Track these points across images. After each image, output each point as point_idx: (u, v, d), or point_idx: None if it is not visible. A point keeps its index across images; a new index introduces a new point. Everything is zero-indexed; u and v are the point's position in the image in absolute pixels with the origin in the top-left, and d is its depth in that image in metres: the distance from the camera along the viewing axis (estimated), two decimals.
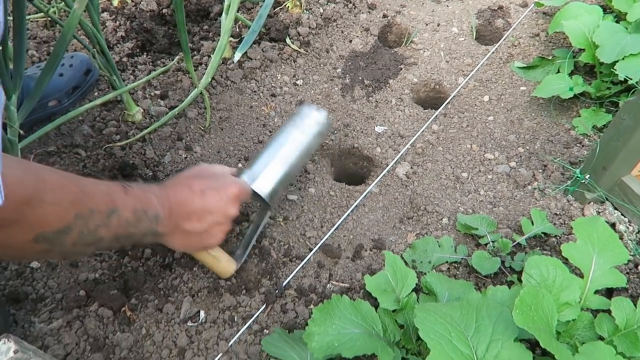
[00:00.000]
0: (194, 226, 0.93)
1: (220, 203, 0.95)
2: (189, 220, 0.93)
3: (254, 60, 1.69)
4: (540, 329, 0.79)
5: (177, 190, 0.93)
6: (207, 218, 0.94)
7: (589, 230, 1.02)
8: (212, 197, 0.95)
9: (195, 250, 1.03)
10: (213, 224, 0.96)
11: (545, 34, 1.86)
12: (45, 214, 0.65)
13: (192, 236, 0.95)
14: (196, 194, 0.93)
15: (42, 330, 1.06)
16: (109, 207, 0.75)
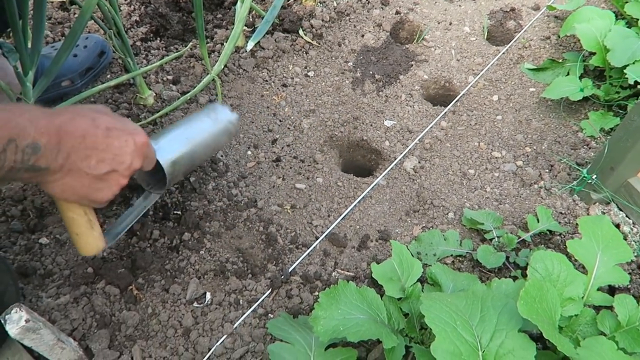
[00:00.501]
0: (90, 166, 0.76)
1: (126, 148, 0.80)
2: (86, 159, 0.75)
3: (267, 50, 1.70)
4: (543, 320, 0.80)
5: (73, 119, 0.74)
6: (107, 161, 0.78)
7: (594, 228, 1.03)
8: (119, 139, 0.79)
9: (78, 199, 0.82)
10: (111, 172, 0.79)
11: (556, 37, 1.87)
12: None
13: (82, 179, 0.77)
14: (100, 129, 0.76)
15: (49, 305, 1.07)
16: None
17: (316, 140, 1.50)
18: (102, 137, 0.76)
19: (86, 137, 0.74)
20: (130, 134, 0.81)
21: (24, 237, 1.19)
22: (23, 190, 1.28)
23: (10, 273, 1.02)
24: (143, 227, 1.21)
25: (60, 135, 0.71)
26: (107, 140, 0.77)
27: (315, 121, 1.55)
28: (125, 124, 0.82)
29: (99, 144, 0.76)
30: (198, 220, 1.24)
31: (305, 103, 1.60)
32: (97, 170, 0.77)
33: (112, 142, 0.78)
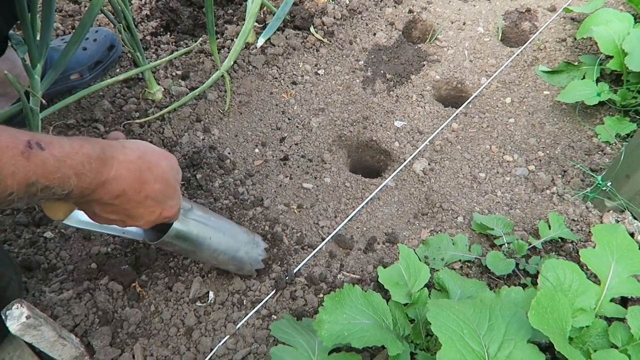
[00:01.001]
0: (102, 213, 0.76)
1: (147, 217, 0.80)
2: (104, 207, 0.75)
3: (277, 47, 1.68)
4: (554, 331, 0.78)
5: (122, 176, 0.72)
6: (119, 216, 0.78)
7: (608, 237, 1.00)
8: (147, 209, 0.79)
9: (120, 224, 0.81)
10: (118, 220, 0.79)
11: (572, 40, 1.83)
12: None
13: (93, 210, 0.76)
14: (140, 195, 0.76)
15: (52, 300, 1.06)
16: None
17: (325, 139, 1.48)
18: (134, 203, 0.75)
19: (119, 197, 0.73)
20: (163, 208, 0.81)
21: (29, 230, 1.18)
22: None
23: (13, 267, 1.02)
24: None
25: (96, 189, 0.69)
26: (137, 208, 0.77)
27: (325, 120, 1.53)
28: (166, 190, 0.80)
29: (126, 209, 0.76)
30: None
31: (315, 101, 1.59)
32: (106, 216, 0.76)
33: (139, 211, 0.77)
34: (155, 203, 0.79)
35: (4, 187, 0.56)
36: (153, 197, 0.78)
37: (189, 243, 0.95)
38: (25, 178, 0.58)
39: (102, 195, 0.70)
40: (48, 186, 0.61)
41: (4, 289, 0.94)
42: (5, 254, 1.03)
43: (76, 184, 0.64)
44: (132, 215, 0.78)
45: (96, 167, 0.68)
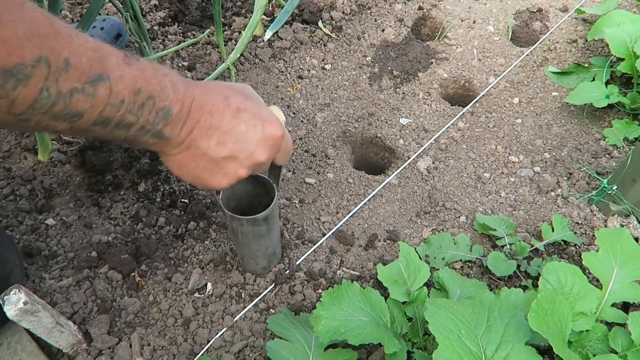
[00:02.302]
0: (209, 147, 0.68)
1: (252, 135, 0.70)
2: (207, 137, 0.67)
3: (284, 41, 1.67)
4: (554, 335, 0.77)
5: (206, 93, 0.67)
6: (228, 144, 0.69)
7: (612, 242, 0.99)
8: (246, 122, 0.69)
9: (191, 180, 0.74)
10: (230, 158, 0.70)
11: (583, 41, 1.81)
12: None
13: (199, 160, 0.69)
14: (230, 108, 0.68)
15: (51, 287, 1.07)
16: (95, 71, 0.52)
17: (329, 134, 1.47)
18: (229, 117, 0.68)
19: (213, 114, 0.66)
20: (262, 121, 0.71)
21: (31, 217, 1.19)
22: (33, 170, 1.27)
23: (17, 253, 1.02)
24: (149, 214, 1.20)
25: (190, 107, 0.64)
26: (234, 121, 0.68)
27: (330, 115, 1.52)
28: (260, 109, 0.72)
29: (224, 124, 0.67)
30: (205, 210, 1.23)
31: (321, 96, 1.58)
32: (215, 152, 0.68)
33: (238, 124, 0.68)
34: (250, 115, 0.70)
35: (115, 93, 0.54)
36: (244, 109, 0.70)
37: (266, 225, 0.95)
38: (132, 82, 0.55)
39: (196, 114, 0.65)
40: (151, 95, 0.58)
41: (8, 275, 0.95)
42: (9, 240, 1.03)
43: (172, 98, 0.61)
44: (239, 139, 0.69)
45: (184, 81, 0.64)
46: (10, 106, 0.47)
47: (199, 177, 0.72)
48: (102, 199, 1.24)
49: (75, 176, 1.28)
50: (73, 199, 1.23)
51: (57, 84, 0.48)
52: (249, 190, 1.01)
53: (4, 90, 0.45)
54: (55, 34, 0.48)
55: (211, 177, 0.72)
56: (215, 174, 0.72)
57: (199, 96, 0.65)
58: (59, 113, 0.51)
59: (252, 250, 1.04)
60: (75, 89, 0.50)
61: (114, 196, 1.25)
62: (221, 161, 0.70)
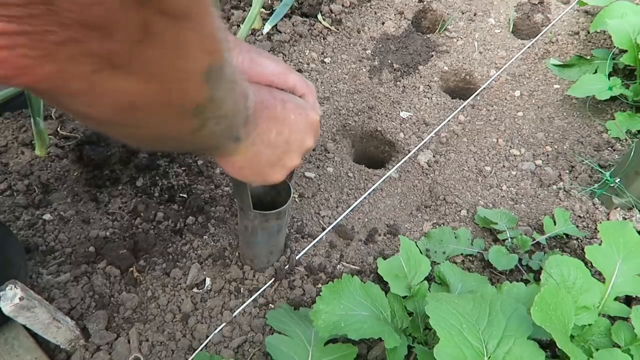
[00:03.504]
0: (270, 141, 0.68)
1: (300, 123, 0.71)
2: (267, 131, 0.67)
3: (284, 34, 1.66)
4: (557, 329, 0.76)
5: (258, 88, 0.67)
6: (284, 135, 0.69)
7: (615, 235, 0.98)
8: (294, 112, 0.70)
9: (252, 178, 0.74)
10: (288, 147, 0.71)
11: (585, 33, 1.79)
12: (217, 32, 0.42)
13: (260, 157, 0.69)
14: (277, 100, 0.69)
15: (49, 282, 1.06)
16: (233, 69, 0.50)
17: (329, 128, 1.46)
18: (280, 108, 0.68)
19: (269, 108, 0.67)
20: (304, 109, 0.72)
21: (28, 212, 1.18)
22: (30, 165, 1.26)
23: (22, 255, 1.02)
24: (147, 209, 1.19)
25: (256, 107, 0.63)
26: (284, 112, 0.69)
27: (329, 109, 1.51)
28: (295, 99, 0.73)
29: (278, 115, 0.68)
30: (203, 205, 1.22)
31: (320, 90, 1.56)
32: (275, 143, 0.69)
33: (288, 114, 0.69)
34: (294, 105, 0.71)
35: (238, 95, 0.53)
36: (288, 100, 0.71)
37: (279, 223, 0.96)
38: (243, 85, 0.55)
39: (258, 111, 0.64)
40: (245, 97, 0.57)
41: (15, 277, 0.94)
42: (17, 243, 1.02)
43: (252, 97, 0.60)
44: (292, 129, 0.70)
45: None
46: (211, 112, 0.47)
47: (261, 172, 0.72)
48: (99, 194, 1.23)
49: (72, 171, 1.26)
50: (70, 194, 1.22)
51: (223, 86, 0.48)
52: (265, 188, 1.00)
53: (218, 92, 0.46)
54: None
55: (272, 171, 0.73)
56: (276, 166, 0.73)
57: (255, 92, 0.64)
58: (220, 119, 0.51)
59: (258, 248, 1.04)
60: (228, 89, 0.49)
61: (112, 191, 1.24)
62: (280, 152, 0.71)
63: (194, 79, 0.41)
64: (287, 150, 0.71)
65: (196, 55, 0.40)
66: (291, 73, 0.75)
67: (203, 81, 0.42)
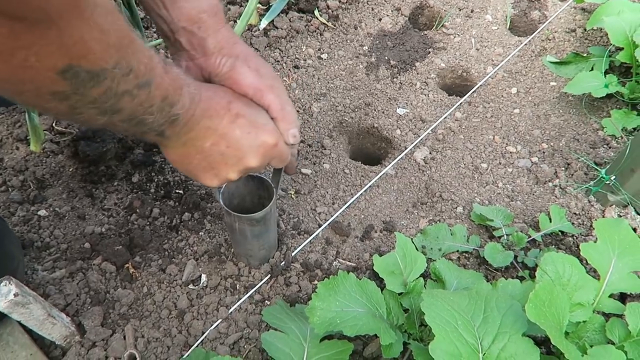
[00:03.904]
0: (203, 147, 0.72)
1: (246, 141, 0.73)
2: (203, 138, 0.71)
3: (280, 30, 1.65)
4: (551, 325, 0.77)
5: (212, 97, 0.71)
6: (221, 148, 0.72)
7: (611, 232, 0.98)
8: (242, 129, 0.72)
9: (185, 173, 0.79)
10: (223, 159, 0.74)
11: (582, 30, 1.79)
12: (91, 41, 0.47)
13: (193, 157, 0.73)
14: (230, 113, 0.71)
15: (44, 279, 1.05)
16: (146, 76, 0.56)
17: (325, 125, 1.46)
18: (227, 122, 0.71)
19: (213, 118, 0.70)
20: (257, 128, 0.74)
21: (23, 208, 1.17)
22: (25, 161, 1.26)
23: (20, 250, 1.01)
24: (143, 205, 1.19)
25: (194, 112, 0.67)
26: (230, 126, 0.71)
27: (326, 105, 1.51)
28: (256, 116, 0.75)
29: (221, 128, 0.71)
30: (199, 201, 1.21)
31: (317, 86, 1.56)
32: (208, 152, 0.72)
33: (233, 129, 0.72)
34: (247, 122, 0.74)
35: (151, 97, 0.58)
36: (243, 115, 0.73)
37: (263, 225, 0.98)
38: (165, 89, 0.60)
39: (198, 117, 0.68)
40: (172, 103, 0.62)
41: (14, 271, 0.94)
42: (14, 237, 1.02)
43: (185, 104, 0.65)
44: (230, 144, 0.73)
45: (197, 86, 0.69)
46: (77, 101, 0.52)
47: (192, 172, 0.77)
48: (95, 190, 1.23)
49: (68, 167, 1.26)
50: (66, 190, 1.22)
51: (118, 86, 0.53)
52: (253, 190, 1.02)
53: (83, 88, 0.50)
54: (130, 43, 0.53)
55: (203, 175, 0.77)
56: (207, 173, 0.76)
57: (205, 100, 0.69)
58: (107, 109, 0.55)
59: (246, 247, 1.06)
60: (127, 91, 0.55)
61: (108, 187, 1.23)
62: (213, 162, 0.74)
63: (46, 73, 0.46)
64: (221, 161, 0.74)
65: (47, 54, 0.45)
66: (269, 93, 0.76)
67: (58, 76, 0.47)
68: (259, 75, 0.76)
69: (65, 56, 0.46)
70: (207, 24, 0.77)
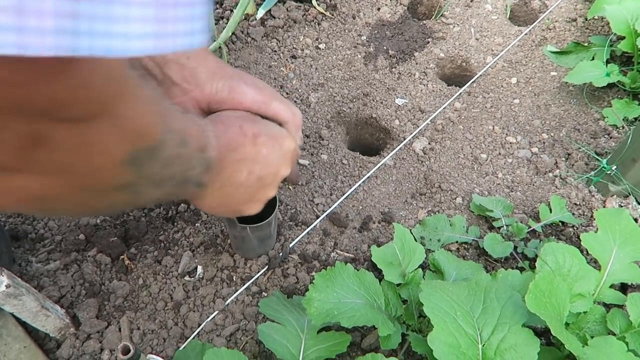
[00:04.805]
0: (240, 181, 0.68)
1: (274, 155, 0.71)
2: (237, 172, 0.67)
3: (277, 19, 1.63)
4: (551, 316, 0.76)
5: (226, 130, 0.66)
6: (256, 172, 0.69)
7: (612, 222, 0.97)
8: (266, 146, 0.69)
9: (227, 214, 0.77)
10: (262, 183, 0.71)
11: (582, 20, 1.77)
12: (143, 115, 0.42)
13: (233, 195, 0.69)
14: (247, 137, 0.67)
15: (38, 270, 1.04)
16: (181, 134, 0.50)
17: (323, 115, 1.44)
18: (250, 146, 0.67)
19: (237, 149, 0.66)
20: (276, 139, 0.72)
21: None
22: None
23: (5, 239, 1.00)
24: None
25: (221, 149, 0.62)
26: (255, 149, 0.68)
27: (324, 95, 1.49)
28: (269, 129, 0.72)
29: (248, 154, 0.67)
30: None
31: (314, 76, 1.54)
32: (247, 183, 0.69)
33: (259, 149, 0.68)
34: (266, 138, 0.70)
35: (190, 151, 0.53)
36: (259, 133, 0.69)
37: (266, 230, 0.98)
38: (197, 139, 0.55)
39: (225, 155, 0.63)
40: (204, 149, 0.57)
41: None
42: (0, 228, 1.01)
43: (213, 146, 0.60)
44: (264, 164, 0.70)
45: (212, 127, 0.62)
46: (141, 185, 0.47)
47: (236, 210, 0.74)
48: None
49: None
50: None
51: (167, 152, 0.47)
52: None
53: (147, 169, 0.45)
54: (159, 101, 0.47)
55: (247, 206, 0.74)
56: (250, 202, 0.74)
57: (221, 135, 0.63)
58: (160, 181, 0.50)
59: (247, 250, 1.07)
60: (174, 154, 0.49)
61: None
62: (253, 190, 0.71)
63: (109, 168, 0.40)
64: (260, 186, 0.71)
65: (110, 147, 0.39)
66: (274, 101, 0.74)
67: (123, 167, 0.41)
68: (259, 89, 0.74)
69: (127, 141, 0.41)
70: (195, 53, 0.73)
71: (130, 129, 0.41)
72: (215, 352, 0.83)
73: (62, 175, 0.38)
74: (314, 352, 0.87)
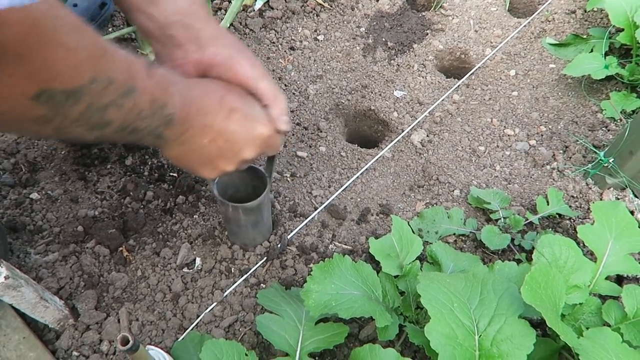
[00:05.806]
0: (202, 145, 0.73)
1: (243, 135, 0.75)
2: (201, 136, 0.72)
3: (276, 10, 1.62)
4: (547, 308, 0.76)
5: (204, 95, 0.71)
6: (218, 143, 0.74)
7: (608, 214, 0.97)
8: (237, 123, 0.73)
9: (185, 169, 0.82)
10: (220, 154, 0.76)
11: (581, 12, 1.76)
12: (59, 61, 0.47)
13: (192, 154, 0.75)
14: (223, 109, 0.72)
15: (37, 262, 1.04)
16: (127, 84, 0.55)
17: (322, 107, 1.44)
18: (222, 117, 0.72)
19: (207, 115, 0.71)
20: (252, 121, 0.76)
21: (15, 191, 1.16)
22: (16, 144, 1.24)
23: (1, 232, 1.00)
24: (137, 188, 1.18)
25: (189, 111, 0.68)
26: (226, 121, 0.72)
27: (322, 87, 1.49)
28: (250, 109, 0.76)
29: (217, 124, 0.72)
30: (194, 183, 1.20)
31: (313, 68, 1.54)
32: (206, 149, 0.74)
33: (229, 124, 0.73)
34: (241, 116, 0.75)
35: (138, 104, 0.57)
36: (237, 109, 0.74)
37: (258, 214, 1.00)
38: (151, 93, 0.59)
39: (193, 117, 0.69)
40: (163, 105, 0.62)
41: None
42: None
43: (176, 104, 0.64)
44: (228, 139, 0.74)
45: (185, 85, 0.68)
46: (61, 122, 0.51)
47: (191, 167, 0.79)
48: (88, 173, 1.21)
49: (60, 149, 1.24)
50: (58, 173, 1.20)
51: (100, 100, 0.53)
52: (247, 179, 1.02)
53: (62, 109, 0.50)
54: (103, 54, 0.52)
55: (201, 169, 0.79)
56: (205, 167, 0.78)
57: (197, 99, 0.69)
58: (94, 124, 0.55)
59: (241, 236, 1.08)
60: (111, 102, 0.54)
61: (101, 170, 1.22)
62: (211, 156, 0.76)
63: (17, 100, 0.46)
64: (218, 156, 0.76)
65: (18, 83, 0.45)
66: (263, 80, 0.77)
67: (33, 101, 0.47)
68: (253, 65, 0.77)
69: (33, 82, 0.46)
70: (199, 15, 0.76)
71: (37, 71, 0.46)
72: (213, 343, 0.83)
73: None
74: (312, 343, 0.88)
